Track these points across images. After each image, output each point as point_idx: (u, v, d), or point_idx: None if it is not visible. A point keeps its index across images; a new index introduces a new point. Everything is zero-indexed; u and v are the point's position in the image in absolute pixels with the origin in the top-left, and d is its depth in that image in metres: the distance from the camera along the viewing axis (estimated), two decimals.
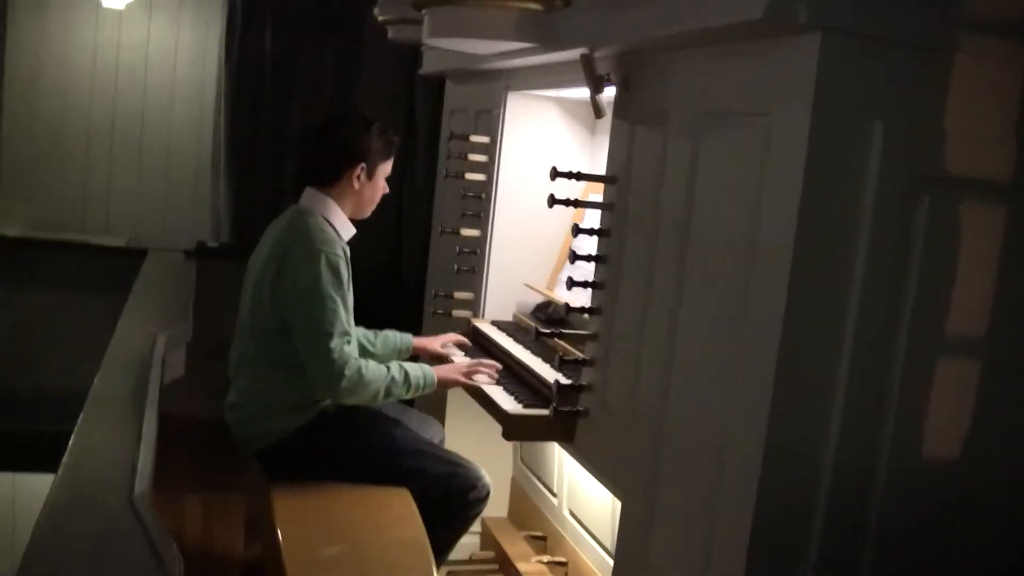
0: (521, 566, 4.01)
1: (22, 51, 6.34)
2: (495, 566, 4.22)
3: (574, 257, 2.97)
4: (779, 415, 2.09)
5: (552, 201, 3.03)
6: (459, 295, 4.11)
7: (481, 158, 4.09)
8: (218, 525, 4.77)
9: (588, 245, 3.03)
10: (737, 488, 2.19)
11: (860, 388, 2.09)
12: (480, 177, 4.09)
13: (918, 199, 2.07)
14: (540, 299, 3.97)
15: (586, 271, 3.04)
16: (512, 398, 3.23)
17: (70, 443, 2.75)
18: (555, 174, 3.03)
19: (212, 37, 6.48)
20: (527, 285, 3.97)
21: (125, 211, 6.58)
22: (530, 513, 4.25)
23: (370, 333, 3.75)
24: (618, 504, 2.82)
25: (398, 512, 3.29)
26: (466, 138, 4.11)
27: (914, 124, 2.05)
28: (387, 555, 3.12)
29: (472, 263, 4.08)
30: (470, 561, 4.26)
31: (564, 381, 3.02)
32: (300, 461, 3.39)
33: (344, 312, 3.29)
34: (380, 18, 4.14)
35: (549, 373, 3.27)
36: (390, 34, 4.20)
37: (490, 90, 4.10)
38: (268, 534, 3.23)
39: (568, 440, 3.06)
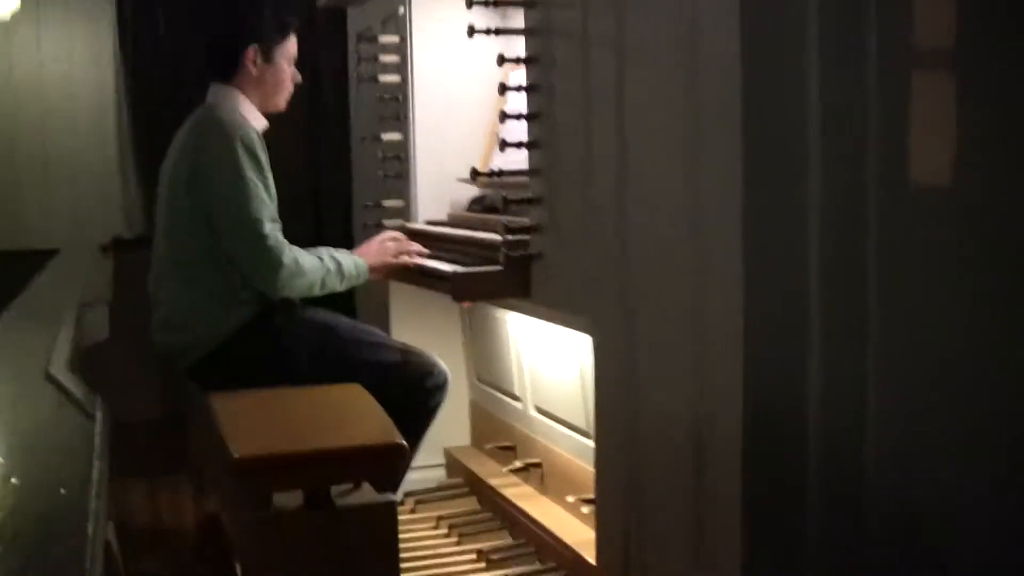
0: (493, 481, 3.78)
1: None
2: (465, 489, 3.99)
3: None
4: (754, 201, 1.98)
5: (471, 31, 2.85)
6: (388, 203, 3.88)
7: (393, 58, 3.88)
8: (167, 502, 4.47)
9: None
10: (723, 294, 2.05)
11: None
12: (395, 79, 3.88)
13: None
14: (474, 193, 3.76)
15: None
16: (455, 265, 3.01)
17: None
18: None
19: (106, 34, 6.21)
20: (461, 180, 3.75)
21: (33, 222, 6.24)
22: (496, 429, 4.01)
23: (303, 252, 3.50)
24: (588, 378, 2.67)
25: (356, 406, 2.95)
26: (374, 39, 3.90)
27: None
28: (359, 454, 2.71)
29: (397, 168, 3.86)
30: (438, 488, 4.02)
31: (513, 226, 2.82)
32: (239, 370, 3.11)
33: (268, 198, 3.07)
34: None
35: (495, 237, 3.05)
36: None
37: None
38: (222, 461, 2.89)
39: (525, 294, 2.86)
